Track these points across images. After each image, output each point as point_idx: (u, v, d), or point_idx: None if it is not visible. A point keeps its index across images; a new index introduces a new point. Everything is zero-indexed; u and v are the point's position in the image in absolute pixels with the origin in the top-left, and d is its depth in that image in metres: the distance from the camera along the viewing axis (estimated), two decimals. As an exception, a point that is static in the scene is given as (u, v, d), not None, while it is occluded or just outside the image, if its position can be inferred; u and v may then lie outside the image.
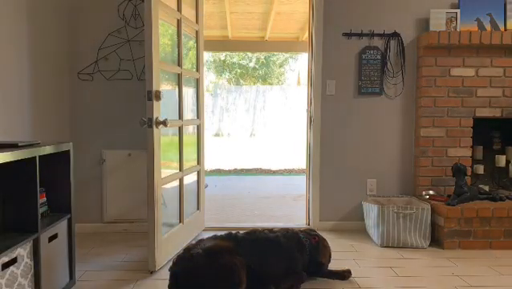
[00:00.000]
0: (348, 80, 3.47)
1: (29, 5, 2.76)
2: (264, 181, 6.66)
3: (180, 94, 2.98)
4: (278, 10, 5.92)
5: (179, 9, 2.90)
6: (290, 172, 7.74)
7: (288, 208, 4.49)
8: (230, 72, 18.87)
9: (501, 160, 3.48)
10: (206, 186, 5.95)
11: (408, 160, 3.53)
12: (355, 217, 3.52)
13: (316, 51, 3.44)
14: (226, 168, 7.95)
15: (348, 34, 3.44)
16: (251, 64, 18.56)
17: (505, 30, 3.34)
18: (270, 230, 2.41)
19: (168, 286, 2.03)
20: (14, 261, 1.78)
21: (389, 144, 3.52)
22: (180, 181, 3.00)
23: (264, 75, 18.91)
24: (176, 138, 2.99)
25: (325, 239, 2.58)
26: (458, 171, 3.16)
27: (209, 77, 18.58)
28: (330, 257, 2.56)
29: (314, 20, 3.44)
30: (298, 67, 18.04)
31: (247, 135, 14.88)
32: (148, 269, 2.58)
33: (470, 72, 3.38)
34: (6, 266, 1.73)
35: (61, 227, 2.23)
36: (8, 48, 2.54)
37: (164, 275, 2.11)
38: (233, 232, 2.30)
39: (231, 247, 2.12)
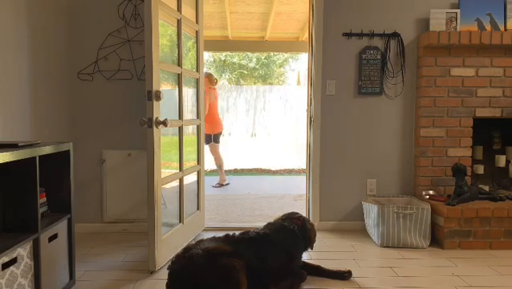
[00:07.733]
0: (348, 80, 3.47)
1: (29, 5, 2.76)
2: (264, 181, 6.65)
3: (180, 94, 2.98)
4: (278, 10, 5.92)
5: (179, 9, 2.91)
6: (290, 172, 7.74)
7: (288, 208, 4.47)
8: (230, 72, 18.86)
9: (501, 160, 3.48)
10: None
11: (408, 160, 3.53)
12: (355, 217, 3.52)
13: (316, 51, 3.44)
14: (226, 168, 7.94)
15: (348, 34, 3.44)
16: (251, 64, 18.55)
17: (505, 30, 3.34)
18: (260, 229, 2.41)
19: (166, 285, 2.03)
20: (14, 261, 1.78)
21: (389, 144, 3.52)
22: (180, 181, 3.00)
23: (264, 75, 18.89)
24: (176, 138, 3.00)
25: (307, 217, 2.66)
26: (458, 171, 3.16)
27: (208, 77, 18.52)
28: (315, 235, 2.59)
29: (314, 20, 3.44)
30: (298, 67, 18.03)
31: (247, 135, 14.87)
32: (148, 269, 2.58)
33: (470, 72, 3.38)
34: (6, 266, 1.72)
35: (61, 227, 2.23)
36: (8, 48, 2.54)
37: (164, 275, 2.11)
38: (230, 233, 2.31)
39: (230, 249, 2.11)
